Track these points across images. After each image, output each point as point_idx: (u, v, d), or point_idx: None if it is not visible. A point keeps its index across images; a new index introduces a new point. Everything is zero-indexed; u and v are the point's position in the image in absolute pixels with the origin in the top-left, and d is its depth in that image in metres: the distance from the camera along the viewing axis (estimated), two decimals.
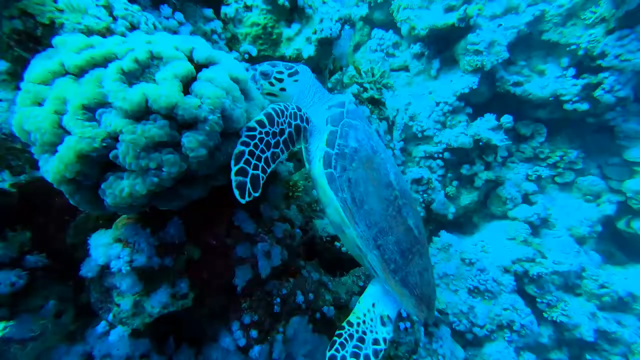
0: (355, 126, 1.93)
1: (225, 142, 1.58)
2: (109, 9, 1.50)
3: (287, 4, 2.97)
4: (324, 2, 3.37)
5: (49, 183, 1.35)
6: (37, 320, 1.74)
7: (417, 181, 6.50)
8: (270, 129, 1.63)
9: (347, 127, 1.90)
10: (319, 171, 1.85)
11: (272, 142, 1.65)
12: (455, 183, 7.06)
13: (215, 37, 2.69)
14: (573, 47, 6.72)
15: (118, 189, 1.34)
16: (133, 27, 1.59)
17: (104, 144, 1.27)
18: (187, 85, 1.46)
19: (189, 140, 1.41)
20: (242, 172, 1.47)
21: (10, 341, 1.63)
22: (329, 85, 4.18)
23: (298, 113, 1.82)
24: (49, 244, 1.78)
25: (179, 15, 2.27)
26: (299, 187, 2.81)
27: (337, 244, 3.00)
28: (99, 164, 1.33)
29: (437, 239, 6.23)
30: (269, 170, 1.60)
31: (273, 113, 1.68)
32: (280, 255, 2.23)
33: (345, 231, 1.90)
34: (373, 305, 2.00)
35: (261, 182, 1.53)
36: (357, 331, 1.92)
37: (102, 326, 1.84)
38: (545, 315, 5.78)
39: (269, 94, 2.10)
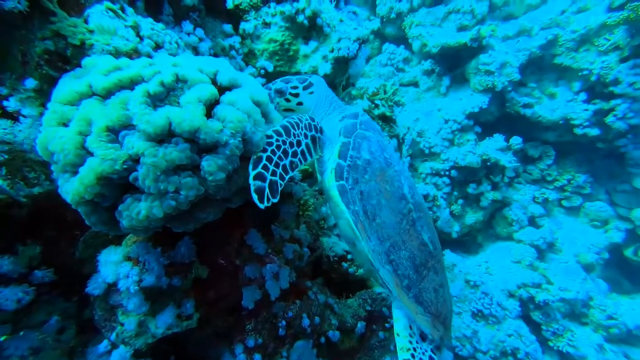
0: (368, 137, 1.92)
1: (243, 165, 1.56)
2: (136, 29, 1.50)
3: (305, 22, 2.99)
4: (341, 21, 3.39)
5: (63, 198, 1.33)
6: (39, 336, 1.70)
7: (423, 198, 6.46)
8: (287, 139, 1.63)
9: (360, 138, 1.88)
10: (330, 183, 1.82)
11: (290, 151, 1.64)
12: (460, 202, 7.00)
13: (233, 52, 2.70)
14: (585, 72, 6.71)
15: (135, 211, 1.31)
16: (158, 46, 1.59)
17: (125, 166, 1.26)
18: (210, 107, 1.45)
19: (208, 164, 1.39)
20: (260, 178, 1.45)
21: (10, 357, 1.60)
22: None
23: (312, 124, 1.81)
24: (57, 258, 1.75)
25: (200, 32, 2.28)
26: (310, 206, 2.78)
27: (344, 264, 2.95)
28: (118, 186, 1.31)
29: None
30: (287, 177, 1.59)
31: (288, 125, 1.68)
32: (289, 277, 2.19)
33: (357, 245, 1.86)
34: (410, 327, 1.93)
35: (279, 188, 1.51)
36: None
37: (104, 345, 1.80)
38: (550, 344, 5.65)
39: (287, 109, 2.09)
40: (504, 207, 7.05)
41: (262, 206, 1.40)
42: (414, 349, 1.85)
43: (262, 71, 2.90)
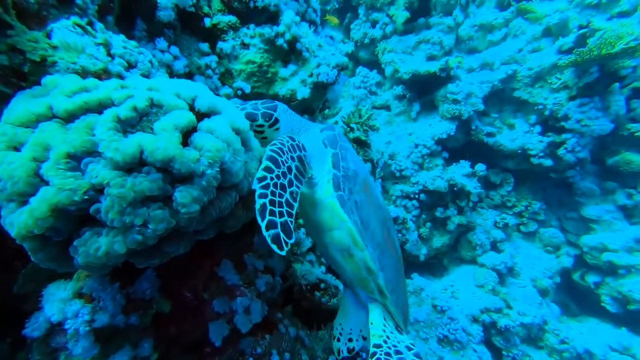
0: (348, 149, 1.95)
1: (220, 196, 1.46)
2: (107, 47, 1.38)
3: (285, 45, 2.98)
4: (320, 46, 3.42)
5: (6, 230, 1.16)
6: None
7: (393, 220, 6.55)
8: (279, 171, 1.55)
9: (344, 150, 1.90)
10: (328, 194, 1.78)
11: (286, 182, 1.56)
12: (428, 225, 7.18)
13: (209, 71, 2.61)
14: (540, 106, 7.29)
15: (93, 247, 1.17)
16: (130, 66, 1.47)
17: (86, 197, 1.12)
18: (186, 134, 1.35)
19: (182, 195, 1.28)
20: (272, 225, 1.37)
21: None
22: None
23: (294, 144, 1.75)
24: None
25: (175, 49, 2.18)
26: None
27: (317, 293, 2.86)
28: (74, 218, 1.16)
29: (409, 282, 6.21)
30: (294, 211, 1.52)
31: (274, 154, 1.59)
32: (261, 311, 2.07)
33: (354, 254, 1.83)
34: (385, 319, 1.94)
35: (292, 225, 1.44)
36: (389, 347, 1.81)
37: None
38: None
39: None
40: (469, 231, 7.32)
41: (283, 253, 1.33)
42: (387, 337, 1.85)
43: (239, 92, 2.83)
